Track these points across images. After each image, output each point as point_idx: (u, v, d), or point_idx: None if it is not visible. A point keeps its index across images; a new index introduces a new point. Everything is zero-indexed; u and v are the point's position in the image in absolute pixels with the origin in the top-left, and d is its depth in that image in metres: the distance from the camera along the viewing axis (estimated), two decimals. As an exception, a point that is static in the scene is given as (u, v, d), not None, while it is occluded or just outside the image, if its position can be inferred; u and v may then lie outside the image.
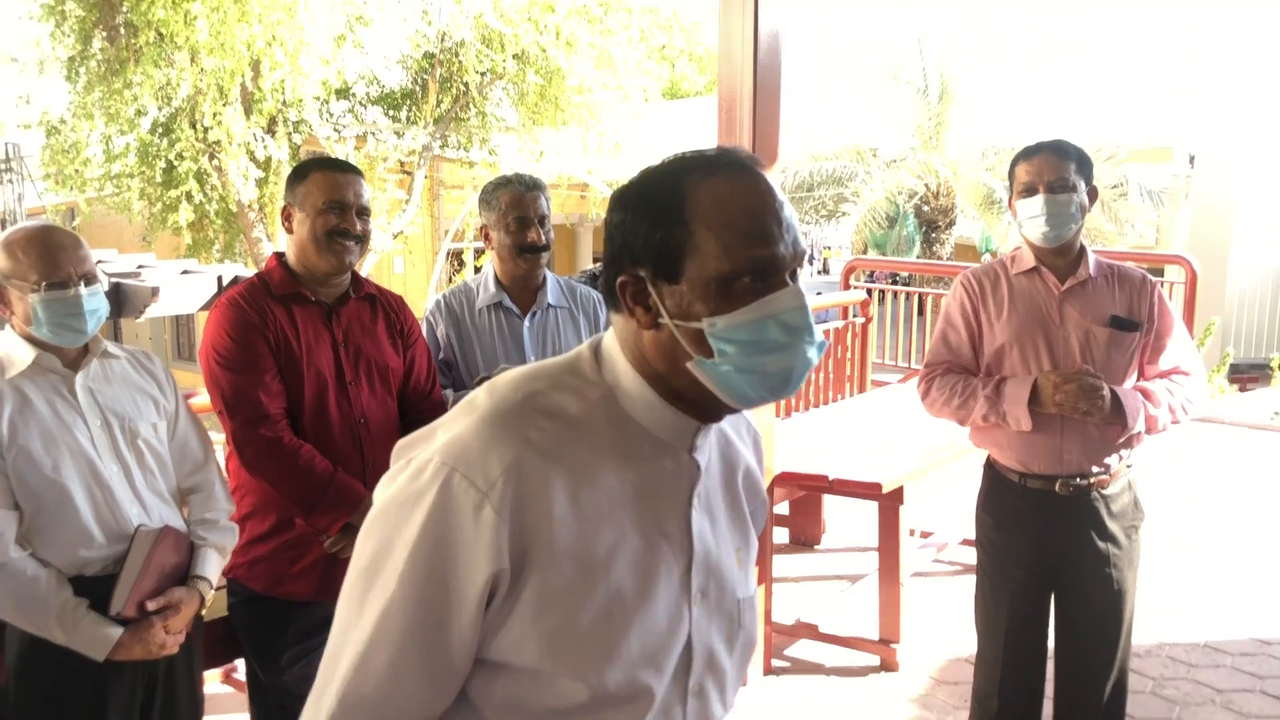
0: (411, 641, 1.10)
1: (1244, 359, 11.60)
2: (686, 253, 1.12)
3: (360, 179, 2.54)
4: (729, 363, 1.11)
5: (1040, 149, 2.76)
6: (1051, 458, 2.80)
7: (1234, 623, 4.40)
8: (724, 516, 1.28)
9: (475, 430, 1.12)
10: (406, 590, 1.09)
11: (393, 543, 1.10)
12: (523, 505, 1.09)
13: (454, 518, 1.08)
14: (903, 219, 17.41)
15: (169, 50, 12.95)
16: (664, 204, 1.14)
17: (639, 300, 1.15)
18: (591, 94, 14.89)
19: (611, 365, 1.20)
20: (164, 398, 2.38)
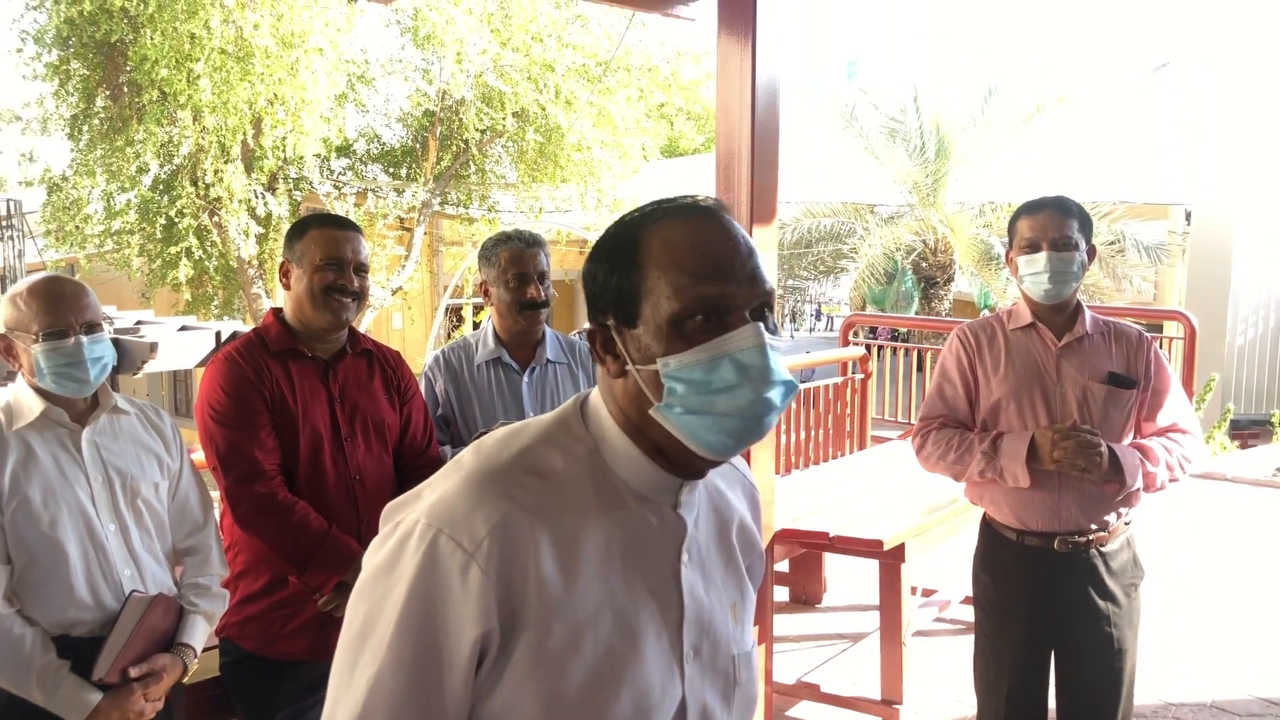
0: (403, 710, 1.08)
1: (1244, 415, 11.58)
2: (641, 296, 1.12)
3: (359, 236, 2.53)
4: (680, 403, 1.10)
5: (1044, 205, 2.76)
6: (1049, 515, 2.78)
7: (1239, 682, 4.34)
8: (718, 572, 1.26)
9: (460, 490, 1.11)
10: (396, 657, 1.07)
11: (380, 609, 1.09)
12: (510, 565, 1.07)
13: (441, 580, 1.07)
14: (901, 275, 17.48)
15: (171, 108, 13.09)
16: (621, 250, 1.14)
17: (608, 349, 1.16)
18: (590, 152, 15.03)
19: (597, 420, 1.19)
20: (169, 456, 2.36)
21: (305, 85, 12.89)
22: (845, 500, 4.46)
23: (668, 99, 16.94)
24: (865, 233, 15.27)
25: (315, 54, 12.92)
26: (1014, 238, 2.81)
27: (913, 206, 15.59)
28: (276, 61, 12.70)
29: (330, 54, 13.22)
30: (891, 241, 15.30)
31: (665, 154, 23.67)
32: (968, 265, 15.04)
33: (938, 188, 15.28)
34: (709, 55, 16.19)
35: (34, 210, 15.94)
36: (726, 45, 3.45)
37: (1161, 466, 2.71)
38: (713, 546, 1.26)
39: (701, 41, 16.47)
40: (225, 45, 12.56)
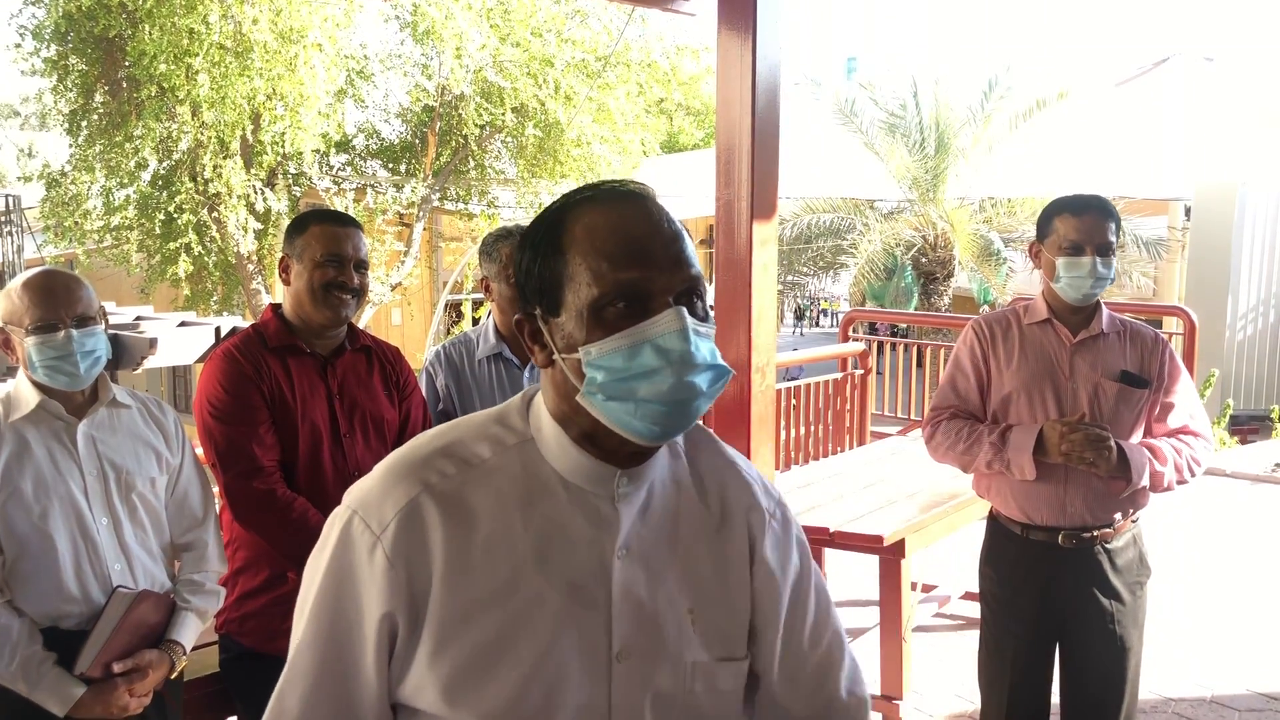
0: (319, 680, 1.14)
1: (1244, 410, 11.58)
2: (564, 283, 1.10)
3: (359, 232, 2.53)
4: (600, 391, 1.08)
5: (1089, 208, 2.73)
6: (1054, 509, 2.78)
7: (1238, 677, 4.34)
8: (672, 572, 1.20)
9: (380, 475, 1.15)
10: (315, 631, 1.14)
11: (309, 585, 1.15)
12: (415, 549, 1.10)
13: (351, 559, 1.11)
14: (901, 271, 17.46)
15: (170, 104, 13.08)
16: (545, 237, 1.13)
17: (535, 339, 1.15)
18: (590, 147, 15.03)
19: (537, 413, 1.19)
20: (168, 451, 2.36)
21: (304, 81, 12.89)
22: (845, 496, 4.46)
23: (667, 94, 16.96)
24: (865, 228, 15.26)
25: (314, 49, 12.91)
26: (1049, 233, 2.77)
27: (912, 202, 15.58)
28: (275, 57, 12.69)
29: (329, 49, 13.22)
30: (891, 237, 15.29)
31: (665, 149, 23.66)
32: (967, 261, 15.03)
33: (937, 183, 15.27)
34: (708, 50, 16.19)
35: (33, 206, 15.94)
36: (727, 40, 3.45)
37: (1170, 467, 2.71)
38: (665, 545, 1.20)
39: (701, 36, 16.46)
40: (224, 40, 12.56)
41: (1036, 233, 2.85)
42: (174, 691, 2.38)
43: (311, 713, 1.14)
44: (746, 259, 3.50)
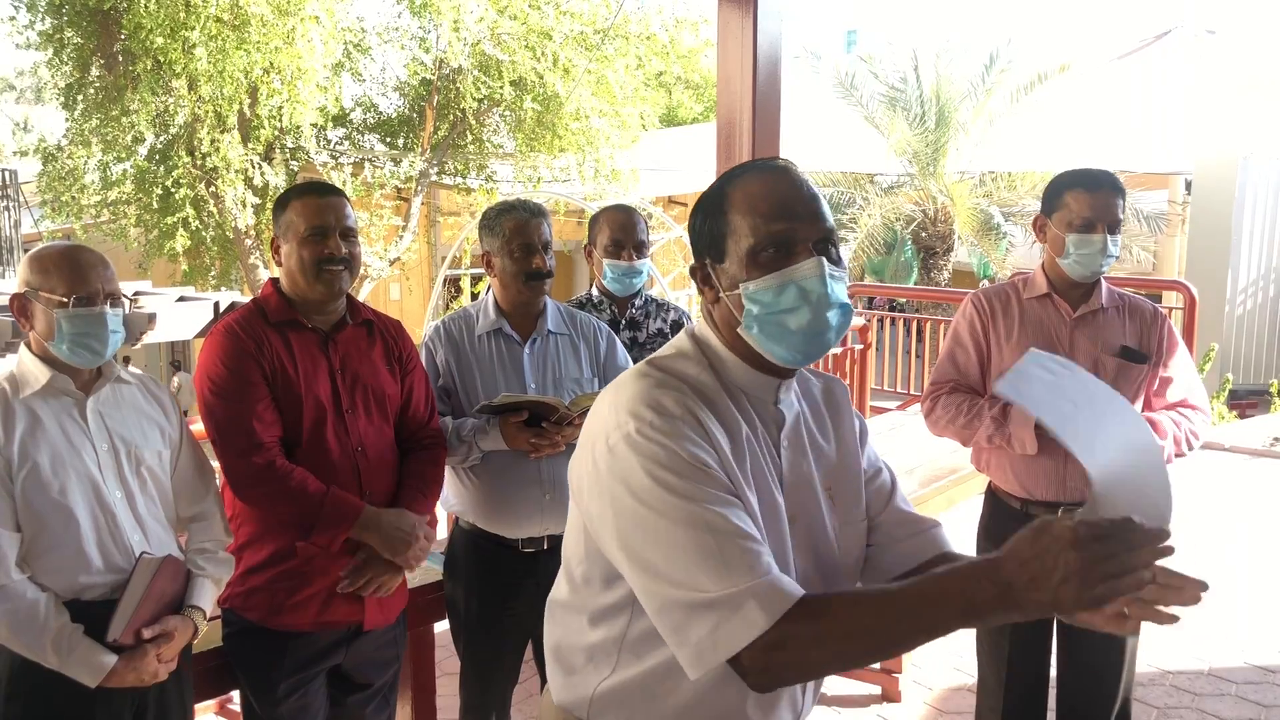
0: (716, 499, 1.37)
1: (1243, 385, 11.59)
2: (727, 236, 1.43)
3: (342, 200, 2.50)
4: (755, 321, 1.40)
5: (1101, 184, 2.71)
6: (1054, 484, 2.79)
7: (1237, 650, 4.37)
8: (814, 457, 1.54)
9: (639, 395, 1.40)
10: (690, 493, 1.34)
11: (656, 494, 1.34)
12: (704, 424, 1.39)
13: (678, 428, 1.37)
14: (900, 245, 17.43)
15: (167, 78, 13.00)
16: (712, 203, 1.46)
17: (706, 282, 1.47)
18: (588, 121, 14.94)
19: (707, 343, 1.50)
20: (169, 425, 2.36)
21: (301, 54, 12.80)
22: (845, 470, 4.46)
23: (666, 67, 16.84)
24: (865, 202, 15.22)
25: (311, 22, 12.82)
26: (1058, 208, 2.75)
27: (912, 176, 15.54)
28: (272, 30, 12.60)
29: (326, 22, 13.13)
30: (891, 211, 15.26)
31: (664, 123, 23.56)
32: (967, 235, 15.01)
33: (938, 157, 15.22)
34: (708, 23, 16.09)
35: (29, 180, 15.86)
36: (727, 13, 3.43)
37: (1169, 440, 2.71)
38: (807, 437, 1.54)
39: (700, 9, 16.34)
40: (221, 13, 12.46)
41: (1043, 206, 2.81)
42: (188, 659, 2.39)
43: (737, 513, 1.34)
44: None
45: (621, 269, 3.30)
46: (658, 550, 1.33)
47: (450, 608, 2.98)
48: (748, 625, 1.27)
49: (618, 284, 3.33)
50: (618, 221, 3.32)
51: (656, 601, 1.34)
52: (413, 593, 2.82)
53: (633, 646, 1.46)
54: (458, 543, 2.94)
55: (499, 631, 2.87)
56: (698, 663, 1.30)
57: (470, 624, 2.90)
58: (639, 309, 3.41)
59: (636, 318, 3.41)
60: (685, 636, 1.31)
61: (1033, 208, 14.75)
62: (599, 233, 3.35)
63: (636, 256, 3.29)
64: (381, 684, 2.67)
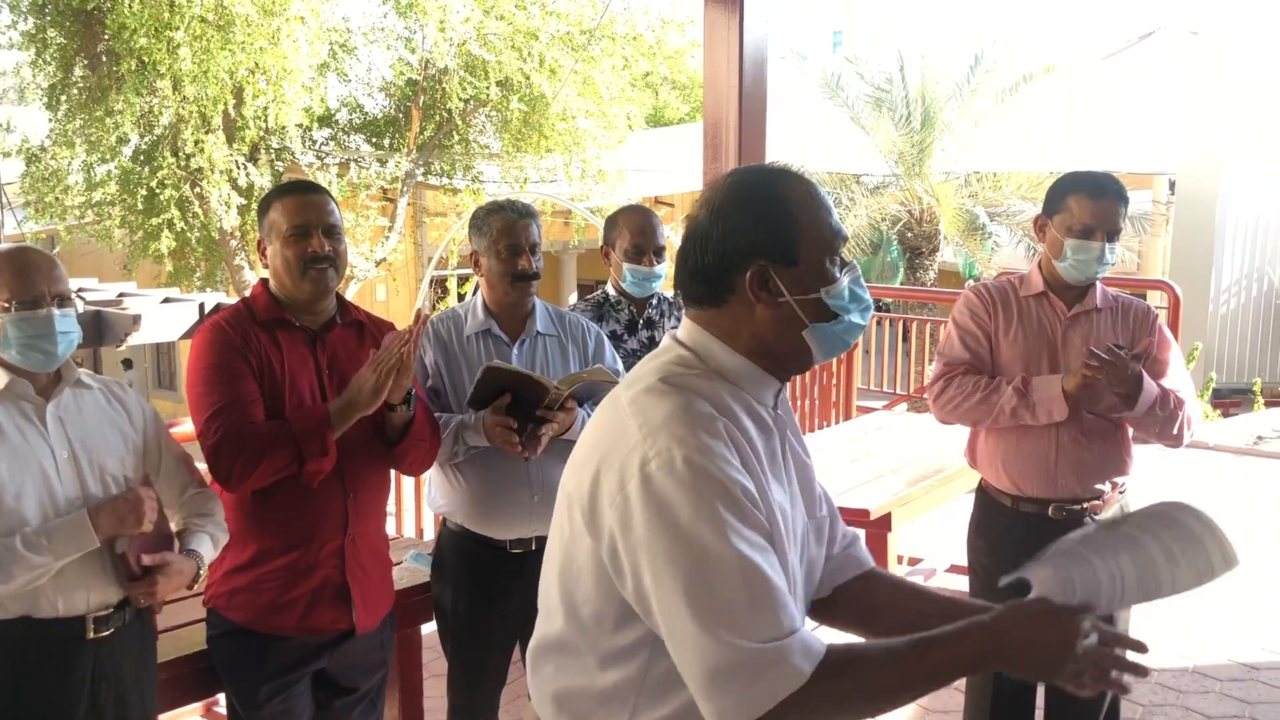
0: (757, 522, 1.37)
1: (1226, 384, 11.66)
2: (798, 239, 1.42)
3: (325, 197, 2.48)
4: (840, 323, 1.45)
5: (1106, 192, 2.70)
6: (1045, 481, 2.80)
7: (1220, 648, 4.39)
8: (794, 457, 1.57)
9: (670, 420, 1.36)
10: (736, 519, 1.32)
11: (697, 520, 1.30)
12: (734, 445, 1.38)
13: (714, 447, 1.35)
14: (886, 245, 17.48)
15: (151, 78, 12.94)
16: (767, 205, 1.43)
17: (764, 285, 1.43)
18: (575, 121, 14.93)
19: (708, 351, 1.47)
20: (133, 431, 2.32)
21: (287, 54, 12.76)
22: (832, 470, 4.47)
23: (653, 68, 16.85)
24: (851, 203, 15.25)
25: (296, 22, 12.79)
26: (1060, 210, 2.74)
27: (898, 176, 15.58)
28: (257, 30, 12.56)
29: (312, 22, 13.10)
30: (877, 212, 15.30)
31: (650, 123, 23.57)
32: (953, 235, 15.06)
33: (923, 157, 15.26)
34: (694, 24, 16.10)
35: (12, 181, 15.78)
36: (713, 13, 3.43)
37: (1170, 411, 2.70)
38: (793, 439, 1.58)
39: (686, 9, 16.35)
40: (205, 13, 12.42)
41: (1045, 206, 2.81)
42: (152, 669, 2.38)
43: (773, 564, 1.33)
44: None
45: (643, 274, 3.35)
46: (698, 594, 1.27)
47: (438, 609, 2.97)
48: (788, 678, 1.25)
49: (638, 287, 3.38)
50: (637, 225, 3.35)
51: (691, 649, 1.28)
52: (399, 594, 2.81)
53: (652, 690, 1.40)
54: (445, 544, 2.93)
55: (487, 633, 2.86)
56: (735, 715, 1.26)
57: (458, 626, 2.89)
58: (655, 308, 3.47)
59: (653, 317, 3.46)
60: (715, 692, 1.26)
61: (1018, 208, 14.83)
62: (618, 236, 3.37)
63: (657, 261, 3.35)
64: (368, 688, 2.65)
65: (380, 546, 2.63)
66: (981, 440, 2.95)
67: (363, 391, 2.33)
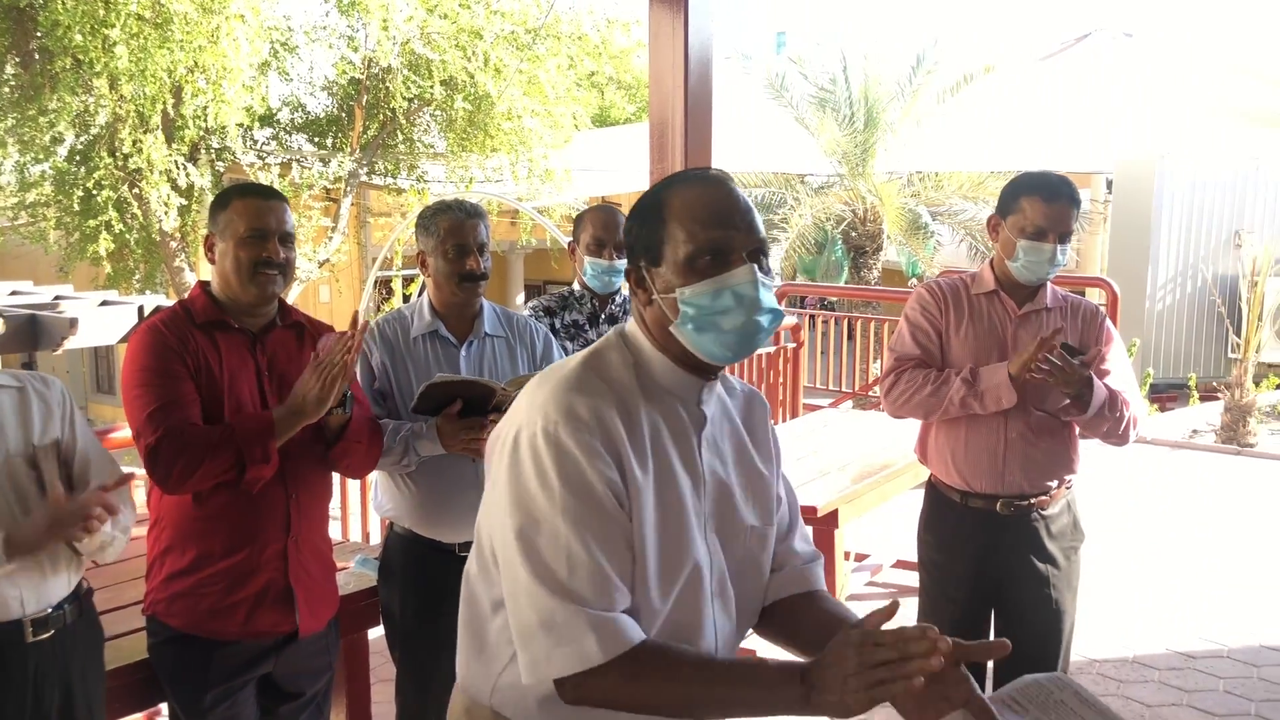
0: (601, 527, 1.42)
1: (1163, 379, 11.89)
2: (664, 242, 1.48)
3: (283, 205, 2.47)
4: (691, 322, 1.46)
5: (1059, 196, 2.73)
6: (993, 478, 2.83)
7: (1158, 638, 4.48)
8: (731, 458, 1.59)
9: (554, 396, 1.44)
10: (581, 505, 1.39)
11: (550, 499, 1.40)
12: (610, 435, 1.43)
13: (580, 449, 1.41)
14: (831, 245, 17.61)
15: (86, 76, 12.67)
16: (649, 209, 1.51)
17: (640, 284, 1.52)
18: (520, 121, 14.86)
19: (635, 342, 1.55)
20: (55, 424, 2.26)
21: (226, 53, 12.54)
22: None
23: (598, 68, 16.83)
24: (796, 203, 15.33)
25: (236, 20, 12.58)
26: (1014, 211, 2.77)
27: (842, 176, 15.69)
28: (196, 28, 12.34)
29: (252, 20, 12.89)
30: (821, 211, 15.40)
31: (597, 124, 23.53)
32: (896, 235, 15.20)
33: (867, 157, 15.39)
34: (639, 24, 16.10)
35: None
36: (658, 14, 3.44)
37: (1118, 412, 2.75)
38: (727, 437, 1.60)
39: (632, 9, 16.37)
40: (142, 10, 12.17)
41: (999, 207, 2.84)
42: (100, 675, 2.33)
43: (605, 546, 1.39)
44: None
45: (602, 266, 3.41)
46: (526, 556, 1.39)
47: (386, 614, 2.95)
48: (582, 656, 1.35)
49: (597, 280, 3.44)
50: (601, 221, 3.44)
51: (512, 603, 1.42)
52: (345, 599, 2.78)
53: None
54: (392, 548, 2.90)
55: (436, 636, 2.84)
56: (530, 673, 1.39)
57: (407, 630, 2.86)
58: (619, 305, 3.52)
59: (616, 314, 3.51)
60: (527, 644, 1.39)
61: (960, 207, 15.02)
62: (583, 231, 3.46)
63: (617, 255, 3.40)
64: (314, 692, 2.62)
65: (324, 549, 2.61)
66: (932, 436, 2.99)
67: (307, 399, 2.31)
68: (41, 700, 2.17)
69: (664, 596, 1.47)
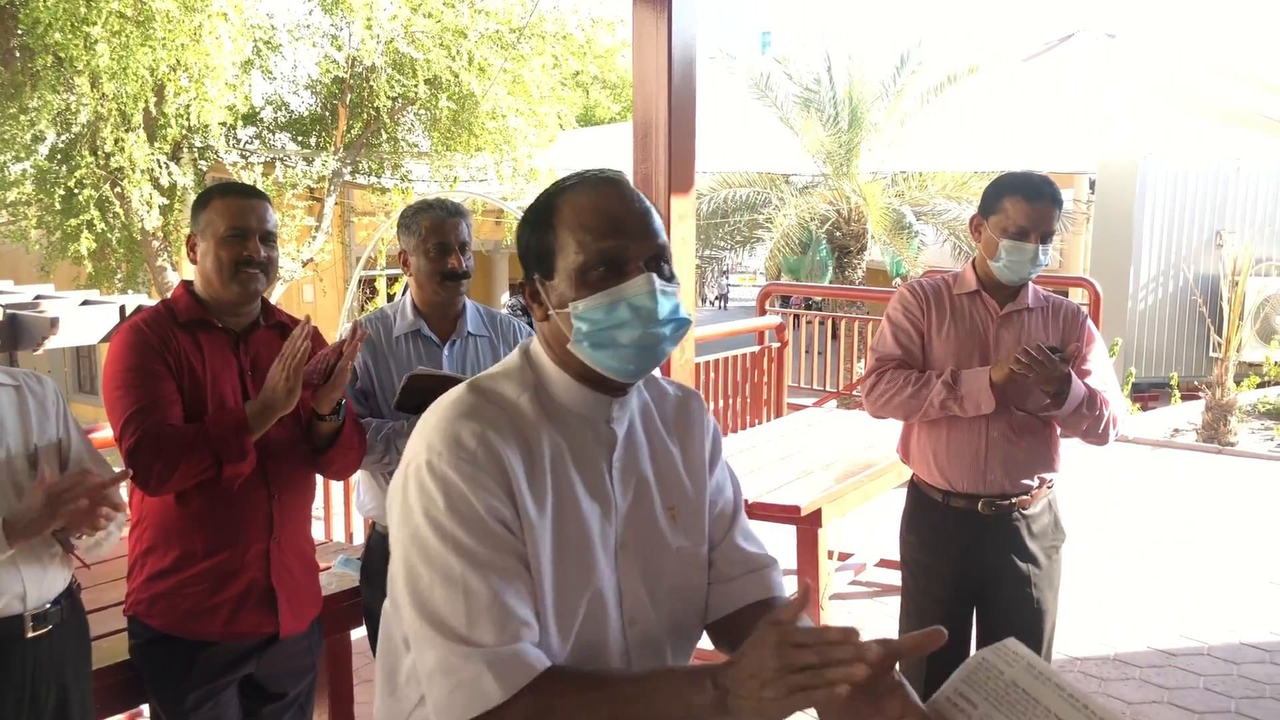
0: (491, 566, 1.33)
1: (1145, 378, 11.95)
2: (555, 252, 1.37)
3: (265, 204, 2.47)
4: (586, 339, 1.35)
5: (1041, 196, 2.74)
6: (975, 477, 2.84)
7: (1139, 636, 4.50)
8: (650, 478, 1.49)
9: (441, 421, 1.36)
10: (467, 542, 1.31)
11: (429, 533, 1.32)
12: (494, 465, 1.33)
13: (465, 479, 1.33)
14: (816, 244, 17.64)
15: (68, 75, 12.59)
16: (539, 216, 1.40)
17: (534, 298, 1.42)
18: (505, 120, 14.84)
19: (538, 360, 1.45)
20: (51, 424, 2.26)
21: (209, 51, 12.48)
22: (763, 467, 4.50)
23: (583, 67, 16.82)
24: (780, 202, 15.35)
25: (219, 19, 12.52)
26: (996, 211, 2.78)
27: (827, 176, 15.72)
28: (178, 26, 12.27)
29: (235, 19, 12.83)
30: (806, 211, 15.42)
31: (581, 123, 23.52)
32: (880, 234, 15.23)
33: (851, 157, 15.42)
34: (624, 23, 16.10)
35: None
36: (642, 13, 3.44)
37: (1097, 412, 2.77)
38: (646, 455, 1.50)
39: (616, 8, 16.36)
40: (124, 8, 12.11)
41: (981, 207, 2.85)
42: (88, 675, 2.32)
43: (503, 577, 1.31)
44: (665, 233, 3.51)
45: None
46: (420, 595, 1.32)
47: (368, 615, 2.94)
48: (483, 697, 1.27)
49: None
50: None
51: (414, 643, 1.34)
52: (328, 600, 2.77)
53: None
54: (374, 548, 2.89)
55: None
56: (437, 717, 1.31)
57: (389, 630, 2.85)
58: None
59: None
60: (429, 688, 1.31)
61: (944, 207, 15.07)
62: None
63: None
64: (296, 693, 2.61)
65: (306, 549, 2.60)
66: (914, 436, 3.00)
67: (276, 393, 2.30)
68: (37, 698, 2.16)
69: (564, 634, 1.38)
